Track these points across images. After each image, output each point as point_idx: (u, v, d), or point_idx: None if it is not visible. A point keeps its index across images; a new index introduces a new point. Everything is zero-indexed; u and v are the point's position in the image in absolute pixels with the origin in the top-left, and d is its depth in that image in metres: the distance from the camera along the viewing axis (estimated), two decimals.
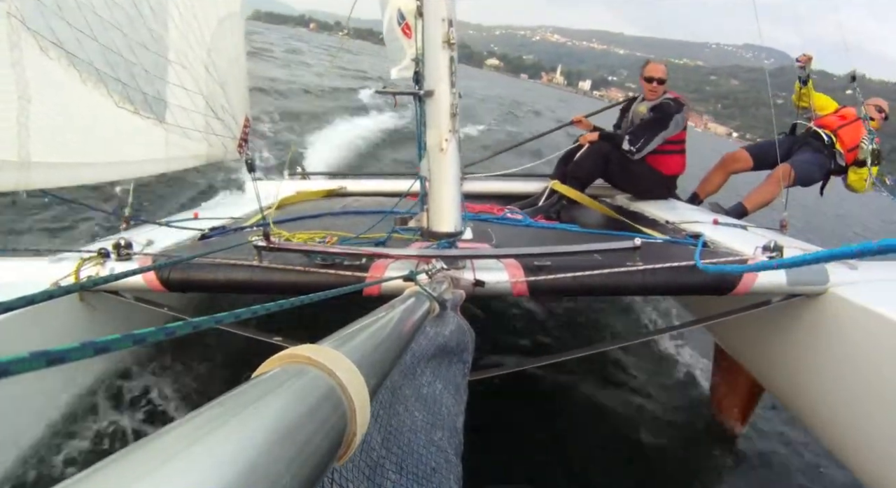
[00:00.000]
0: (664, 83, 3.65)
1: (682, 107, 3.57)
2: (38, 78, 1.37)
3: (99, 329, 2.03)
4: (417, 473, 0.75)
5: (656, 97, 3.65)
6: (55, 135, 1.44)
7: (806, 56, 3.88)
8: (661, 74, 3.64)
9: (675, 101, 3.57)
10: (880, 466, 1.71)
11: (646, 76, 3.67)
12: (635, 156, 3.50)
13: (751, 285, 1.91)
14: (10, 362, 0.28)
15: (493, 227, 2.57)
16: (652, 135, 3.48)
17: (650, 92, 3.67)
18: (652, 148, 3.50)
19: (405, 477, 0.72)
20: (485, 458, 2.14)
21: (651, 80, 3.64)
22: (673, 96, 3.63)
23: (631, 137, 3.51)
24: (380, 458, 0.68)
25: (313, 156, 7.01)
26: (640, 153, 3.49)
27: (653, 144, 3.49)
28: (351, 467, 0.60)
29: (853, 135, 3.90)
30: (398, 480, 0.70)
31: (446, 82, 2.08)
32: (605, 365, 3.26)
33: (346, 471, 0.58)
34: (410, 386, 0.89)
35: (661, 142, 3.52)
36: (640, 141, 3.47)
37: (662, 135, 3.50)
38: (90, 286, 1.67)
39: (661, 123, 3.51)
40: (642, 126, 3.57)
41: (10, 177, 1.33)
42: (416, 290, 1.11)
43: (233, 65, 2.20)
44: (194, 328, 0.45)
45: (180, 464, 0.26)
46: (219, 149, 2.11)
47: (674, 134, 3.56)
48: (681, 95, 3.67)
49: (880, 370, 1.68)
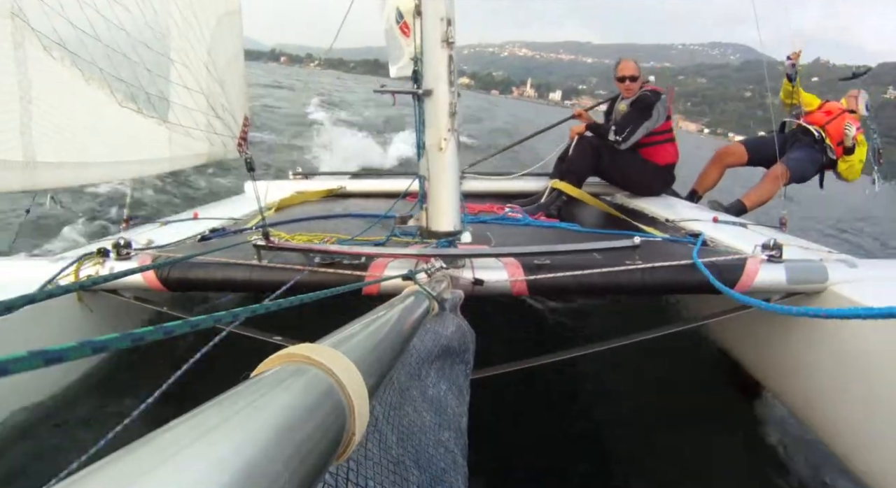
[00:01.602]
0: (636, 80, 3.68)
1: (661, 95, 3.61)
2: (42, 77, 1.37)
3: (98, 328, 2.04)
4: (432, 472, 0.76)
5: (633, 94, 3.69)
6: (59, 135, 1.45)
7: (796, 54, 3.93)
8: (632, 71, 3.67)
9: (652, 92, 3.61)
10: (880, 465, 1.71)
11: (618, 76, 3.71)
12: (622, 146, 3.54)
13: (750, 283, 1.91)
14: (8, 361, 0.28)
15: (493, 227, 2.58)
16: (636, 126, 3.53)
17: (626, 90, 3.72)
18: (638, 137, 3.55)
19: (424, 474, 0.72)
20: (484, 459, 2.15)
21: (623, 80, 3.68)
22: (649, 88, 3.65)
23: (616, 128, 3.56)
24: (399, 456, 0.68)
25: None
26: (626, 142, 3.53)
27: (638, 134, 3.54)
28: (371, 464, 0.60)
29: (840, 128, 3.98)
30: (420, 477, 0.70)
31: (445, 81, 2.08)
32: (604, 364, 3.27)
33: (366, 470, 0.58)
34: (417, 387, 0.89)
35: (646, 133, 3.57)
36: (624, 130, 3.52)
37: (647, 125, 3.55)
38: (90, 285, 1.68)
39: (644, 113, 3.55)
40: (625, 117, 3.63)
41: (16, 178, 1.33)
42: (415, 289, 1.11)
43: (231, 63, 2.20)
44: (193, 327, 0.45)
45: (179, 463, 0.26)
46: (219, 147, 2.12)
47: (658, 124, 3.61)
48: (657, 87, 3.70)
49: (880, 368, 1.69)
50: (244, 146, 2.23)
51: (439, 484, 0.75)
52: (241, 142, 2.21)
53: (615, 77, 3.73)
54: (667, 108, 3.64)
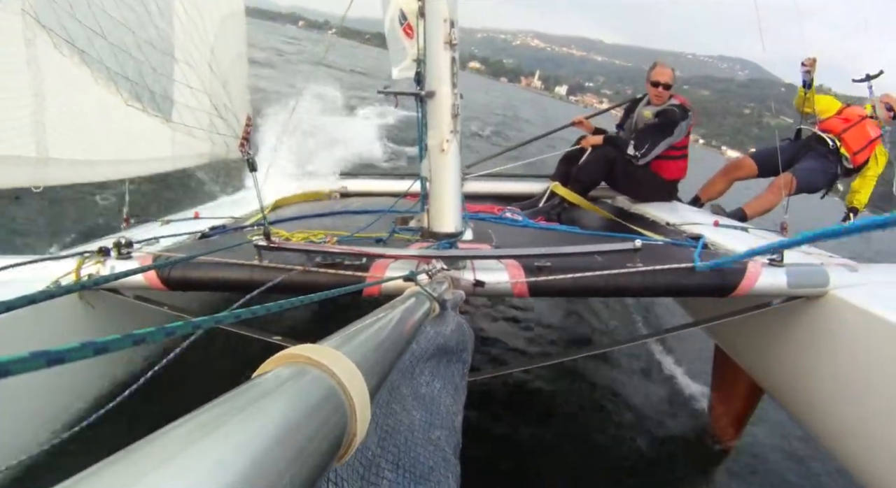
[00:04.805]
0: (670, 88, 3.55)
1: (688, 113, 3.49)
2: (53, 75, 1.37)
3: (99, 328, 2.04)
4: (415, 472, 0.75)
5: (662, 102, 3.56)
6: (69, 132, 1.45)
7: (811, 59, 3.74)
8: (668, 79, 3.53)
9: (680, 108, 3.49)
10: (881, 468, 1.71)
11: (652, 80, 3.56)
12: (640, 162, 3.44)
13: (751, 287, 1.91)
14: (9, 362, 0.28)
15: (494, 228, 2.58)
16: (656, 142, 3.41)
17: (656, 97, 3.57)
18: (656, 153, 3.44)
19: (402, 475, 0.72)
20: (483, 458, 2.15)
21: (657, 85, 3.53)
22: (679, 101, 3.54)
23: (636, 142, 3.43)
24: (374, 457, 0.68)
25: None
26: (644, 159, 3.43)
27: (657, 150, 3.43)
28: (345, 466, 0.60)
29: (858, 137, 3.81)
30: (395, 479, 0.70)
31: (448, 83, 2.08)
32: (604, 365, 3.27)
33: (341, 470, 0.58)
34: (408, 385, 0.89)
35: (665, 149, 3.47)
36: (644, 146, 3.40)
37: (667, 142, 3.44)
38: (91, 285, 1.68)
39: (667, 130, 3.44)
40: (647, 131, 3.51)
41: (27, 173, 1.33)
42: (416, 291, 1.11)
43: (234, 63, 2.21)
44: (194, 328, 0.46)
45: (180, 464, 0.26)
46: (221, 147, 2.12)
47: (678, 140, 3.51)
48: (686, 100, 3.60)
49: (881, 372, 1.69)
50: (246, 146, 2.23)
51: (422, 483, 0.75)
52: (244, 141, 2.21)
53: (649, 80, 3.57)
54: (689, 125, 3.53)
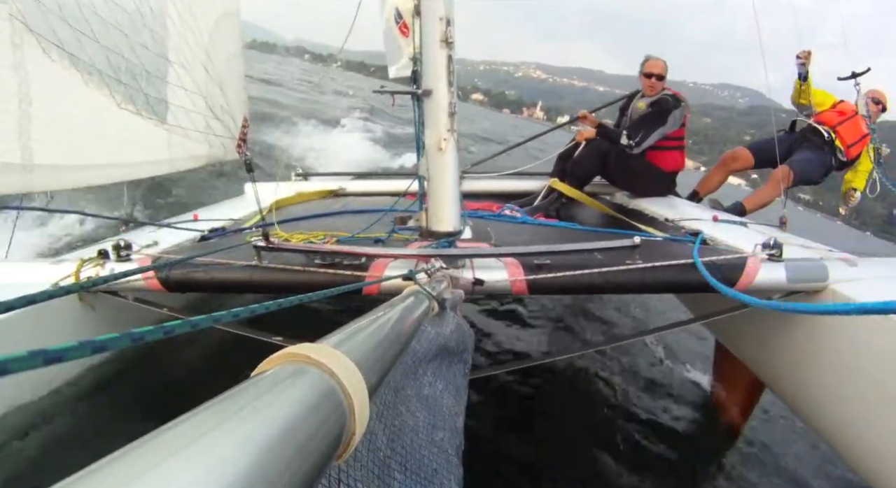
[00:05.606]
0: (663, 79, 3.64)
1: (681, 103, 3.57)
2: (40, 79, 1.37)
3: (99, 329, 2.03)
4: (420, 474, 0.75)
5: (655, 93, 3.65)
6: (58, 137, 1.45)
7: (805, 52, 3.81)
8: (660, 70, 3.63)
9: (673, 97, 3.57)
10: (881, 463, 1.71)
11: (645, 72, 3.66)
12: (634, 151, 3.48)
13: (750, 282, 1.91)
14: (7, 360, 0.28)
15: (493, 226, 2.57)
16: (650, 130, 3.47)
17: (649, 88, 3.66)
18: (650, 142, 3.49)
19: (409, 477, 0.72)
20: (482, 459, 2.15)
21: (650, 76, 3.63)
22: (671, 92, 3.62)
23: (629, 132, 3.49)
24: (386, 458, 0.67)
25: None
26: (638, 147, 3.47)
27: (651, 139, 3.48)
28: (359, 467, 0.60)
29: (853, 130, 3.87)
30: (403, 481, 0.70)
31: (444, 81, 2.08)
32: (604, 363, 3.27)
33: (354, 471, 0.58)
34: (412, 386, 0.88)
35: (659, 138, 3.51)
36: (638, 135, 3.46)
37: (661, 131, 3.49)
38: (90, 286, 1.68)
39: (660, 118, 3.50)
40: (640, 121, 3.57)
41: (14, 180, 1.33)
42: (415, 289, 1.11)
43: (230, 65, 2.20)
44: (193, 327, 0.45)
45: (179, 463, 0.26)
46: (219, 149, 2.12)
47: (672, 130, 3.56)
48: (679, 92, 3.67)
49: (880, 366, 1.69)
50: (243, 147, 2.23)
51: (427, 486, 0.74)
52: (241, 143, 2.21)
53: (642, 72, 3.68)
54: (683, 116, 3.59)
